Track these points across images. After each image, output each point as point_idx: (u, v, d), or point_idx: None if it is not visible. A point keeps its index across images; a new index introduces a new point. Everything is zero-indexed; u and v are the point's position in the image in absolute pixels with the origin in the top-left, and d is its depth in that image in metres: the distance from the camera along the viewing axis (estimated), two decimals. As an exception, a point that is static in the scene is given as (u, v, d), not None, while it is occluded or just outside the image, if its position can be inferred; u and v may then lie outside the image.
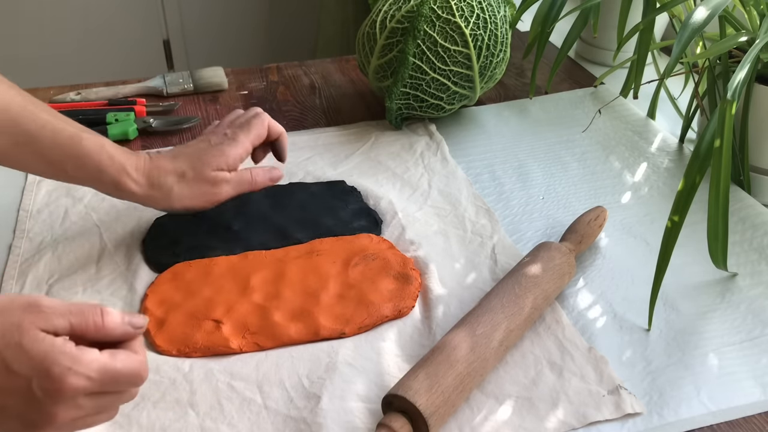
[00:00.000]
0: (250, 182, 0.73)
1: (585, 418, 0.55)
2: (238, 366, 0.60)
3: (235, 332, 0.62)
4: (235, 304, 0.65)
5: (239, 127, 0.72)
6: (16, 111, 0.64)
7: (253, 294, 0.66)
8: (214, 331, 0.62)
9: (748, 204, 0.78)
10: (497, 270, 0.70)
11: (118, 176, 0.67)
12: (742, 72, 0.63)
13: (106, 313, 0.49)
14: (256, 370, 0.60)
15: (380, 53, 0.89)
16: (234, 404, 0.57)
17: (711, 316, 0.65)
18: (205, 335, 0.62)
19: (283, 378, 0.59)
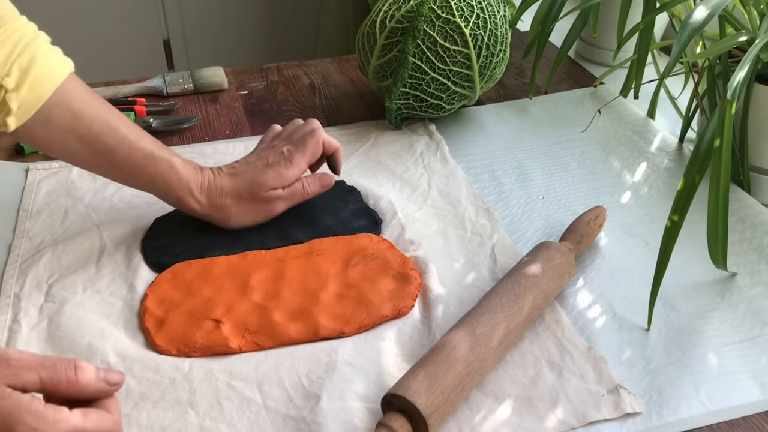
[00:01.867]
0: (302, 193, 0.75)
1: (584, 418, 0.55)
2: (237, 366, 0.60)
3: (234, 332, 0.62)
4: (235, 303, 0.65)
5: (295, 144, 0.74)
6: (99, 125, 0.68)
7: (253, 294, 0.66)
8: (213, 331, 0.62)
9: (748, 204, 0.78)
10: (497, 270, 0.70)
11: (182, 196, 0.71)
12: (741, 72, 0.63)
13: (79, 368, 0.47)
14: (256, 369, 0.60)
15: (380, 53, 0.89)
16: (234, 404, 0.57)
17: (710, 315, 0.65)
18: (204, 335, 0.62)
19: (283, 378, 0.59)
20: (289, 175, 0.73)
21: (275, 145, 0.75)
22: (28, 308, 0.65)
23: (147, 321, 0.64)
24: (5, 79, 0.63)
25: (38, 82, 0.64)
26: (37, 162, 0.85)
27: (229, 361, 0.61)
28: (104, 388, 0.48)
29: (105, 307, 0.66)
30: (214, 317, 0.64)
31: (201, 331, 0.62)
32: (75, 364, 0.47)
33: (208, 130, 0.94)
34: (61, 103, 0.66)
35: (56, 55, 0.67)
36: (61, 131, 0.67)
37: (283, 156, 0.73)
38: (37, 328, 0.63)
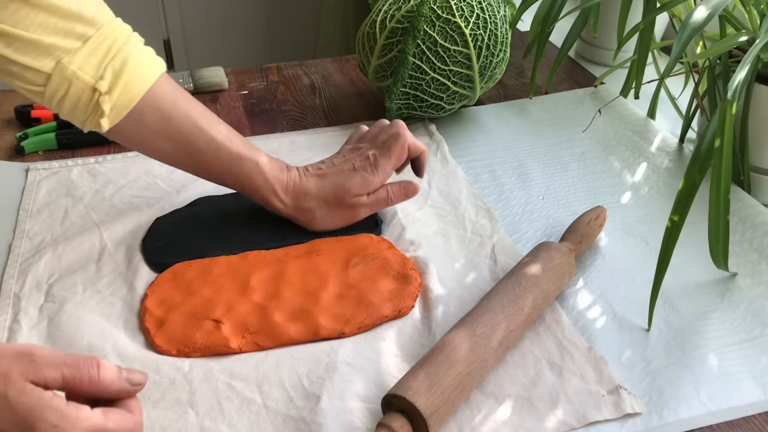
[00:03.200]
0: (386, 200, 0.75)
1: (585, 418, 0.55)
2: (237, 366, 0.60)
3: (234, 332, 0.62)
4: (235, 303, 0.65)
5: (381, 149, 0.73)
6: (188, 126, 0.69)
7: (253, 294, 0.66)
8: (213, 331, 0.62)
9: (748, 204, 0.78)
10: (497, 270, 0.70)
11: (268, 196, 0.72)
12: (742, 72, 0.63)
13: (102, 366, 0.46)
14: (256, 370, 0.60)
15: (380, 53, 0.89)
16: (234, 404, 0.57)
17: (711, 316, 0.65)
18: (204, 335, 0.62)
19: (283, 378, 0.59)
20: (375, 181, 0.73)
21: (361, 148, 0.74)
22: (28, 308, 0.65)
23: (147, 321, 0.64)
24: (99, 83, 0.64)
25: (130, 85, 0.66)
26: (37, 162, 0.85)
27: (229, 362, 0.61)
28: (126, 387, 0.48)
29: (105, 307, 0.66)
30: (214, 317, 0.64)
31: (201, 332, 0.62)
32: (98, 363, 0.46)
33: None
34: (151, 105, 0.67)
35: (148, 56, 0.68)
36: (151, 132, 0.69)
37: (369, 161, 0.73)
38: (37, 327, 0.63)
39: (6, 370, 0.44)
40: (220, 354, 0.61)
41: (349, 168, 0.73)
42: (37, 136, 0.89)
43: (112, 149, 0.89)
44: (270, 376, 0.59)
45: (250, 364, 0.60)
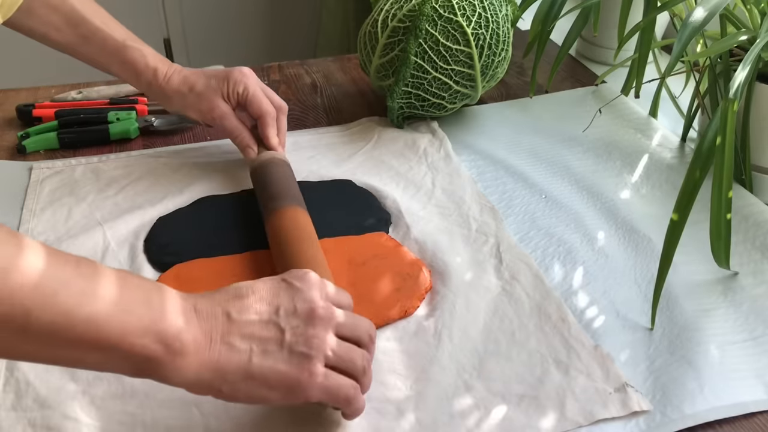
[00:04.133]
0: (232, 126, 0.82)
1: (592, 416, 0.56)
2: (242, 365, 0.60)
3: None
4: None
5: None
6: (77, 18, 0.80)
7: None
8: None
9: (750, 202, 0.78)
10: (502, 268, 0.70)
11: (150, 80, 0.82)
12: (743, 71, 0.63)
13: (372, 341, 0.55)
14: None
15: (382, 52, 0.89)
16: (238, 404, 0.57)
17: (714, 314, 0.66)
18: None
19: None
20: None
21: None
22: (32, 308, 0.65)
23: (151, 320, 0.64)
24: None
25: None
26: (41, 161, 0.85)
27: (234, 361, 0.61)
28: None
29: (109, 307, 0.66)
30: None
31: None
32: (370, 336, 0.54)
33: (210, 129, 0.94)
34: (39, 0, 0.79)
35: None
36: (42, 24, 0.80)
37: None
38: (41, 327, 0.63)
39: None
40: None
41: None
42: (38, 135, 0.89)
43: (115, 148, 0.89)
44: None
45: (254, 363, 0.60)
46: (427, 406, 0.57)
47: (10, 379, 0.58)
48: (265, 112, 0.81)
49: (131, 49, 0.81)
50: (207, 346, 0.48)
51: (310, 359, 0.49)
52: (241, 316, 0.49)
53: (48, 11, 0.79)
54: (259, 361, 0.48)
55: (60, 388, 0.57)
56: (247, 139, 0.81)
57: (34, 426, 0.55)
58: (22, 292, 0.41)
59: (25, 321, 0.42)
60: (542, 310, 0.65)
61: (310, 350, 0.49)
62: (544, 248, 0.74)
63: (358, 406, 0.52)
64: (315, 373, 0.49)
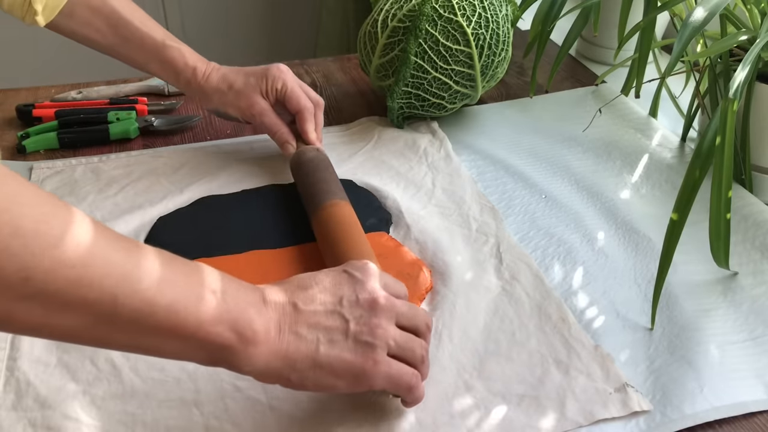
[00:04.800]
0: (270, 122, 0.83)
1: (592, 416, 0.56)
2: (242, 365, 0.60)
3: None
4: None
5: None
6: (116, 18, 0.82)
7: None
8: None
9: (750, 202, 0.78)
10: (502, 268, 0.70)
11: (189, 78, 0.84)
12: (743, 71, 0.63)
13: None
14: (261, 369, 0.60)
15: (382, 52, 0.89)
16: (238, 404, 0.57)
17: (713, 314, 0.66)
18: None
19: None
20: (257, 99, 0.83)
21: None
22: (32, 308, 0.65)
23: (151, 320, 0.64)
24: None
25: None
26: (41, 161, 0.85)
27: (234, 361, 0.61)
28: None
29: (109, 307, 0.66)
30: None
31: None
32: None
33: (210, 129, 0.94)
34: (80, 3, 0.80)
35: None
36: (83, 25, 0.81)
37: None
38: (41, 327, 0.63)
39: None
40: (225, 353, 0.61)
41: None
42: (38, 135, 0.89)
43: (115, 148, 0.89)
44: (275, 375, 0.59)
45: (254, 363, 0.60)
46: (427, 405, 0.56)
47: (11, 379, 0.58)
48: (304, 108, 0.82)
49: (170, 48, 0.83)
50: (276, 335, 0.49)
51: (374, 348, 0.50)
52: (307, 306, 0.51)
53: (89, 13, 0.81)
54: (326, 351, 0.50)
55: (60, 388, 0.57)
56: (286, 135, 0.82)
57: (34, 426, 0.55)
58: (110, 280, 0.43)
59: (113, 308, 0.43)
60: (542, 310, 0.65)
61: (375, 339, 0.51)
62: (544, 248, 0.74)
63: (419, 394, 0.54)
64: (379, 362, 0.51)
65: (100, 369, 0.59)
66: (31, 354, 0.60)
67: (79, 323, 0.43)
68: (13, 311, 0.41)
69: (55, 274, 0.40)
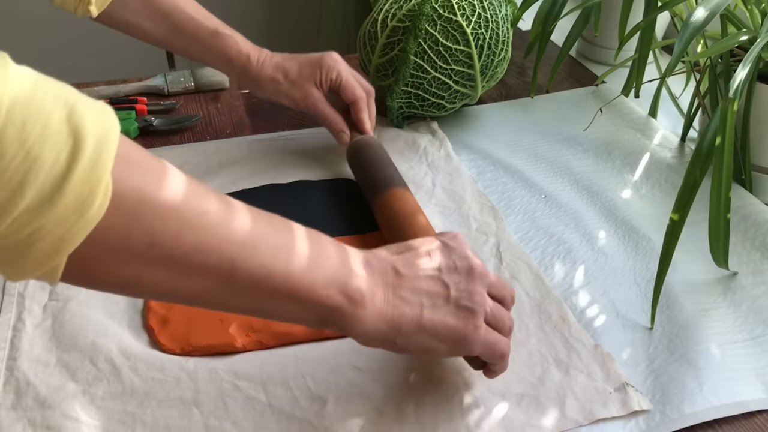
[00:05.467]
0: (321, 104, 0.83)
1: (592, 415, 0.56)
2: (242, 365, 0.60)
3: (239, 330, 0.62)
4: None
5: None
6: (169, 6, 0.81)
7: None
8: (217, 330, 0.62)
9: (750, 202, 0.78)
10: (502, 267, 0.70)
11: (243, 65, 0.82)
12: (743, 71, 0.63)
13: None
14: (261, 369, 0.60)
15: (381, 52, 0.89)
16: (238, 403, 0.57)
17: (713, 314, 0.66)
18: (208, 334, 0.62)
19: (288, 378, 0.59)
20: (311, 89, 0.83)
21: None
22: (32, 307, 0.65)
23: (151, 319, 0.64)
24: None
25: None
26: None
27: (234, 361, 0.61)
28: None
29: (109, 306, 0.66)
30: (218, 316, 0.63)
31: (205, 330, 0.62)
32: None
33: (210, 129, 0.94)
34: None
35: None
36: (135, 14, 0.80)
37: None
38: (41, 326, 0.63)
39: None
40: (225, 353, 0.61)
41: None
42: (39, 135, 0.88)
43: (115, 148, 0.89)
44: (275, 375, 0.59)
45: (254, 363, 0.60)
46: (428, 404, 0.57)
47: (10, 379, 0.58)
48: (359, 98, 0.83)
49: (224, 36, 0.82)
50: (383, 298, 0.50)
51: (474, 314, 0.52)
52: (408, 271, 0.52)
53: (141, 2, 0.79)
54: (430, 315, 0.51)
55: (60, 388, 0.57)
56: (341, 124, 0.83)
57: (34, 425, 0.55)
58: (230, 245, 0.44)
59: (231, 272, 0.44)
60: (542, 310, 0.65)
61: (474, 305, 0.52)
62: (544, 248, 0.74)
63: (507, 364, 0.55)
64: (479, 327, 0.52)
65: (100, 369, 0.59)
66: (31, 354, 0.60)
67: (201, 287, 0.44)
68: (141, 276, 0.42)
69: (179, 240, 0.42)
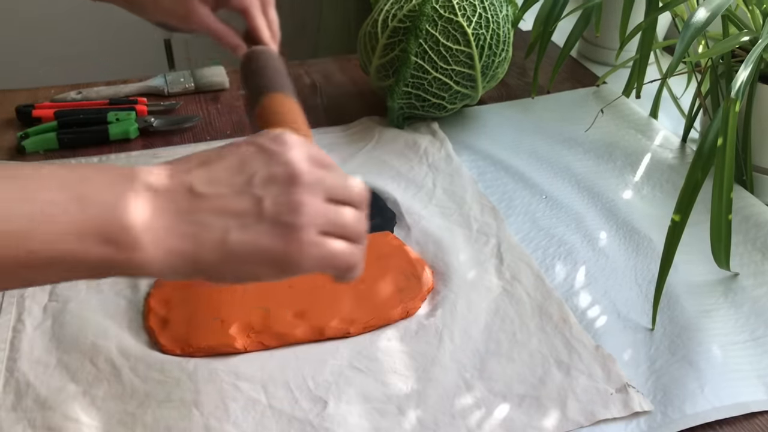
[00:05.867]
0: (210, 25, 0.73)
1: (593, 416, 0.56)
2: (242, 366, 0.60)
3: (239, 331, 0.62)
4: (240, 303, 0.65)
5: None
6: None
7: (258, 293, 0.66)
8: (218, 331, 0.62)
9: (751, 203, 0.78)
10: (503, 268, 0.70)
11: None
12: (745, 71, 0.63)
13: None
14: (261, 370, 0.60)
15: (382, 52, 0.89)
16: (239, 404, 0.57)
17: (714, 315, 0.66)
18: (209, 334, 0.62)
19: (288, 378, 0.59)
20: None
21: None
22: (32, 307, 0.65)
23: (151, 320, 0.64)
24: None
25: None
26: (41, 161, 0.85)
27: (234, 362, 0.61)
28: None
29: (109, 307, 0.65)
30: (218, 317, 0.63)
31: (205, 331, 0.62)
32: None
33: (210, 129, 0.94)
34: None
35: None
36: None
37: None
38: (41, 327, 0.63)
39: None
40: (225, 354, 0.61)
41: None
42: (38, 135, 0.88)
43: (115, 149, 0.89)
44: (275, 376, 0.59)
45: (255, 364, 0.60)
46: (429, 405, 0.57)
47: (10, 380, 0.58)
48: (249, 3, 0.72)
49: None
50: (171, 229, 0.42)
51: (297, 229, 0.43)
52: (209, 188, 0.43)
53: None
54: (238, 238, 0.43)
55: (60, 389, 0.57)
56: (234, 38, 0.73)
57: (34, 427, 0.55)
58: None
59: None
60: (543, 311, 0.65)
61: (297, 218, 0.43)
62: (545, 248, 0.74)
63: (358, 272, 0.48)
64: (305, 242, 0.44)
65: (100, 369, 0.59)
66: (31, 355, 0.60)
67: None
68: None
69: None
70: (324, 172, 0.46)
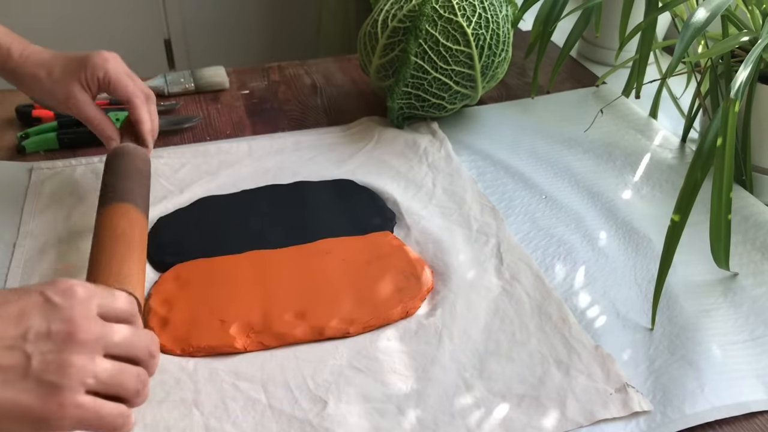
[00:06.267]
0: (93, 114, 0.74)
1: (593, 416, 0.56)
2: (242, 366, 0.60)
3: (239, 331, 0.62)
4: (240, 303, 0.65)
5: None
6: None
7: (258, 293, 0.66)
8: (218, 331, 0.62)
9: (751, 203, 0.78)
10: (502, 268, 0.70)
11: (4, 59, 0.74)
12: (744, 71, 0.63)
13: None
14: (261, 369, 0.60)
15: (382, 53, 0.89)
16: (238, 404, 0.57)
17: (714, 315, 0.66)
18: (209, 334, 0.62)
19: (288, 378, 0.59)
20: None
21: None
22: (32, 308, 0.65)
23: (151, 320, 0.64)
24: None
25: None
26: (41, 162, 0.85)
27: (234, 362, 0.61)
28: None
29: (109, 307, 0.66)
30: (218, 317, 0.64)
31: (205, 331, 0.62)
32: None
33: (210, 129, 0.94)
34: None
35: None
36: None
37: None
38: (41, 327, 0.63)
39: None
40: (225, 354, 0.61)
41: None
42: (38, 135, 0.89)
43: (115, 149, 0.89)
44: (275, 376, 0.59)
45: (255, 364, 0.60)
46: (428, 405, 0.57)
47: (10, 379, 0.58)
48: (132, 94, 0.74)
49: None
50: None
51: (60, 389, 0.43)
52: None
53: None
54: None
55: (60, 388, 0.57)
56: (110, 130, 0.74)
57: (34, 426, 0.55)
58: None
59: None
60: (543, 311, 0.65)
61: (62, 379, 0.43)
62: (544, 248, 0.74)
63: (129, 429, 0.48)
64: (66, 405, 0.43)
65: (100, 369, 0.59)
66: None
67: None
68: None
69: None
70: (109, 328, 0.46)
